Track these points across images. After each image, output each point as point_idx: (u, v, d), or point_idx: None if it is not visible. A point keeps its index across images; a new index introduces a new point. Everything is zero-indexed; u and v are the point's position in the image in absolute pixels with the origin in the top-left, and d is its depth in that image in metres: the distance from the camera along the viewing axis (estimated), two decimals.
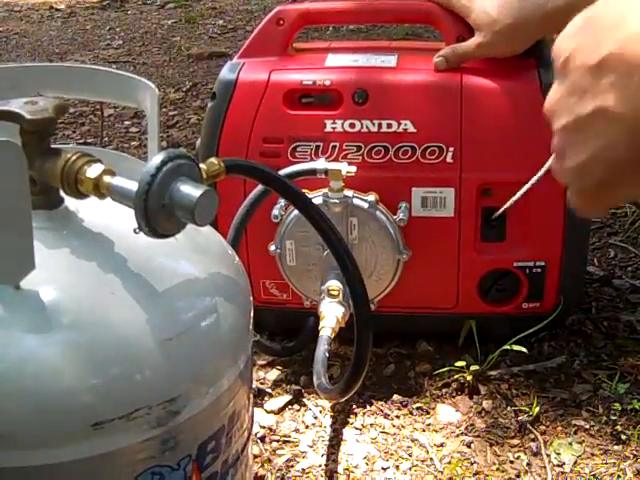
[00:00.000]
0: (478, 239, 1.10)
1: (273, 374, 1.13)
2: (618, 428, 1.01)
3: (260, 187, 1.02)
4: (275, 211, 1.10)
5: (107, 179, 0.64)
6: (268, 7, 3.92)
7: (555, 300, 1.13)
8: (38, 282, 0.61)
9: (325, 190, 1.08)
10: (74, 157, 0.65)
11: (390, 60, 1.14)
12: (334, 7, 1.22)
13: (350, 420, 1.04)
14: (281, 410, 1.06)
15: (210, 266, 0.71)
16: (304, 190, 1.06)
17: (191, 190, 0.61)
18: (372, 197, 1.08)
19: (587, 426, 1.02)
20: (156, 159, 0.62)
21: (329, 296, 1.06)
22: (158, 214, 0.62)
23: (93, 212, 0.69)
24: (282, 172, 1.05)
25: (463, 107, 1.08)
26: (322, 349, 1.00)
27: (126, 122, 2.29)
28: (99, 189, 0.64)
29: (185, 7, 4.10)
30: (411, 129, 1.09)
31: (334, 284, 1.06)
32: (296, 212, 1.10)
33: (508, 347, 1.09)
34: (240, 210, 1.03)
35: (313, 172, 1.06)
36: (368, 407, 1.07)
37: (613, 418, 1.03)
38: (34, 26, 3.81)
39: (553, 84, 0.61)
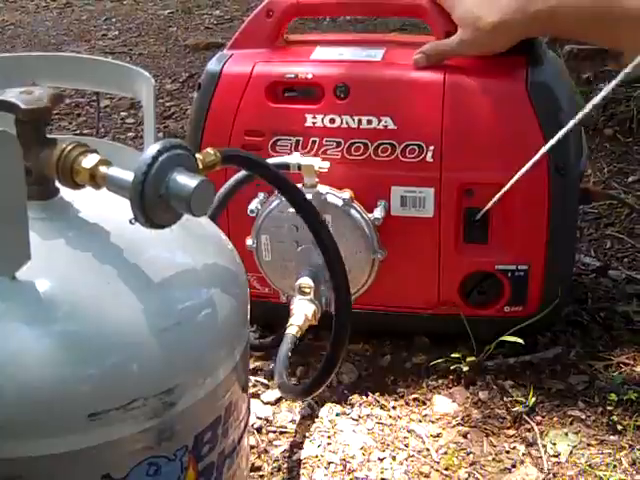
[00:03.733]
0: (460, 240, 1.09)
1: (270, 365, 1.13)
2: (614, 418, 1.01)
3: (241, 173, 1.01)
4: (252, 205, 1.09)
5: (103, 169, 0.64)
6: None
7: (538, 304, 1.11)
8: (33, 273, 0.61)
9: (299, 185, 1.06)
10: (70, 147, 0.64)
11: (376, 54, 1.13)
12: None
13: (346, 411, 1.04)
14: (277, 401, 1.06)
15: (206, 256, 0.71)
16: None
17: (187, 180, 0.61)
18: (347, 194, 1.07)
19: (583, 416, 1.03)
20: (152, 149, 0.61)
21: (300, 293, 1.05)
22: (154, 204, 0.61)
23: (89, 203, 0.68)
24: None
25: (445, 105, 1.06)
26: (285, 348, 0.99)
27: (122, 113, 2.28)
28: (95, 179, 0.64)
29: None
30: (391, 126, 1.08)
31: (306, 281, 1.05)
32: (271, 207, 1.09)
33: (504, 339, 1.08)
34: (219, 193, 1.01)
35: (286, 166, 1.05)
36: (364, 398, 1.07)
37: (609, 408, 1.03)
38: (29, 16, 3.80)
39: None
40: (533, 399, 1.04)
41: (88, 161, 0.64)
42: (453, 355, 1.10)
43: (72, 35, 3.34)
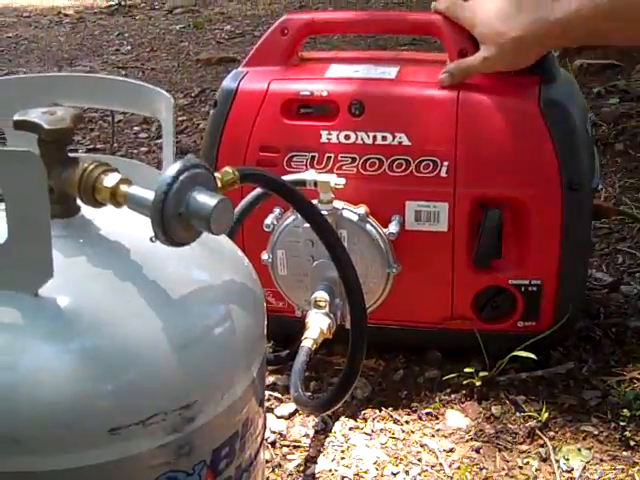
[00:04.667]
0: (473, 255, 1.10)
1: (283, 380, 1.13)
2: (627, 434, 1.01)
3: (258, 190, 1.02)
4: (268, 220, 1.11)
5: (124, 188, 0.65)
6: (275, 12, 3.95)
7: (551, 320, 1.12)
8: (55, 290, 0.62)
9: (315, 201, 1.07)
10: (91, 166, 0.66)
11: (390, 72, 1.15)
12: (339, 17, 1.23)
13: (360, 425, 1.05)
14: (291, 415, 1.07)
15: (224, 273, 0.72)
16: None
17: (207, 199, 0.62)
18: (362, 210, 1.09)
19: (596, 432, 1.03)
20: (172, 168, 0.63)
21: (315, 307, 1.06)
22: (174, 223, 0.63)
23: (109, 220, 0.70)
24: None
25: (459, 122, 1.07)
26: (300, 361, 1.00)
27: (135, 128, 2.31)
28: (116, 198, 0.65)
29: (193, 12, 4.13)
30: (406, 142, 1.09)
31: (321, 295, 1.06)
32: (287, 222, 1.10)
33: (516, 354, 1.09)
34: (236, 210, 1.02)
35: (302, 183, 1.06)
36: (377, 412, 1.07)
37: (622, 424, 1.03)
38: (43, 31, 3.84)
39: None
40: (546, 414, 1.05)
41: (109, 180, 0.65)
42: (466, 370, 1.11)
43: (85, 50, 3.38)
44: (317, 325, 1.04)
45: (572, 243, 1.10)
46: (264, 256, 1.12)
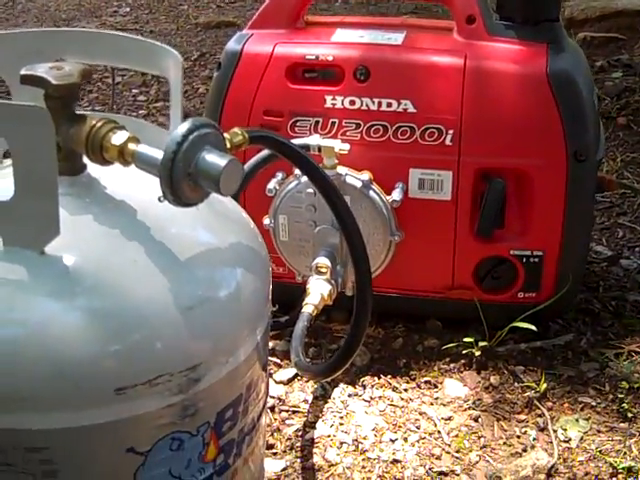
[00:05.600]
0: (475, 224, 1.09)
1: (282, 345, 1.14)
2: (625, 406, 1.02)
3: (264, 153, 1.02)
4: (270, 185, 1.10)
5: (132, 146, 0.64)
6: None
7: (552, 291, 1.12)
8: (61, 248, 0.61)
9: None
10: (99, 124, 0.65)
11: (397, 38, 1.14)
12: None
13: (359, 392, 1.05)
14: (290, 381, 1.07)
15: (231, 235, 0.71)
16: None
17: (217, 159, 0.62)
18: (366, 176, 1.08)
19: (594, 403, 1.03)
20: (182, 127, 0.62)
21: (317, 273, 1.06)
22: (183, 183, 0.62)
23: (115, 179, 0.69)
24: None
25: (465, 90, 1.07)
26: (301, 326, 1.00)
27: (134, 90, 2.28)
28: (124, 156, 0.64)
29: None
30: (411, 109, 1.08)
31: (323, 261, 1.06)
32: (290, 187, 1.10)
33: (516, 325, 1.09)
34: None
35: (307, 148, 1.05)
36: (377, 380, 1.08)
37: (620, 396, 1.03)
38: None
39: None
40: (544, 385, 1.05)
41: (117, 138, 0.64)
42: (465, 339, 1.11)
43: (83, 11, 3.34)
44: (318, 291, 1.04)
45: (575, 214, 1.09)
46: (266, 221, 1.12)
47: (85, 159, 0.67)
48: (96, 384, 0.59)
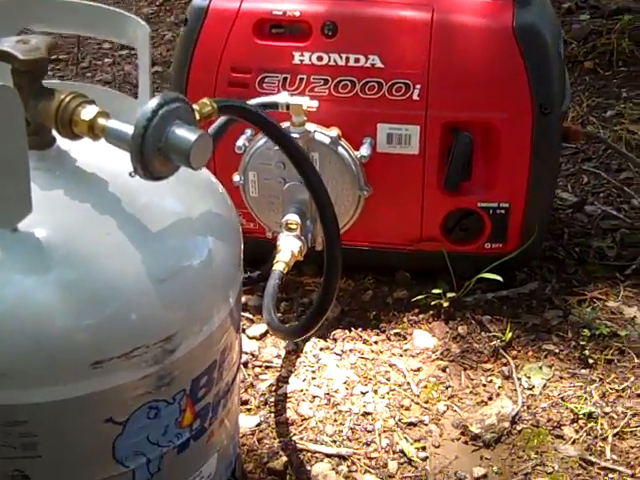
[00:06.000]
0: (443, 178, 1.11)
1: (254, 300, 1.15)
2: (586, 352, 1.05)
3: None
4: (239, 142, 1.10)
5: (102, 121, 0.64)
6: None
7: (518, 242, 1.14)
8: (34, 224, 0.62)
9: (287, 124, 1.07)
10: (68, 98, 0.65)
11: None
12: None
13: (330, 346, 1.08)
14: (263, 336, 1.09)
15: (200, 203, 0.72)
16: None
17: (186, 134, 0.62)
18: (334, 132, 1.09)
19: (557, 350, 1.07)
20: (152, 102, 0.62)
21: (287, 230, 1.07)
22: (153, 158, 0.63)
23: (85, 152, 0.69)
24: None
25: (432, 44, 1.07)
26: (272, 284, 1.01)
27: (99, 38, 2.25)
28: (94, 131, 0.65)
29: None
30: (378, 64, 1.08)
31: (293, 218, 1.07)
32: (259, 144, 1.10)
33: (483, 276, 1.12)
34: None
35: (275, 106, 1.06)
36: (347, 333, 1.10)
37: (582, 343, 1.07)
38: None
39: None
40: (510, 334, 1.08)
41: (87, 113, 0.65)
42: (434, 291, 1.13)
43: None
44: (288, 248, 1.05)
45: (541, 167, 1.11)
46: (235, 178, 1.13)
47: (54, 132, 0.68)
48: (73, 358, 0.61)
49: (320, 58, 1.10)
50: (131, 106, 0.74)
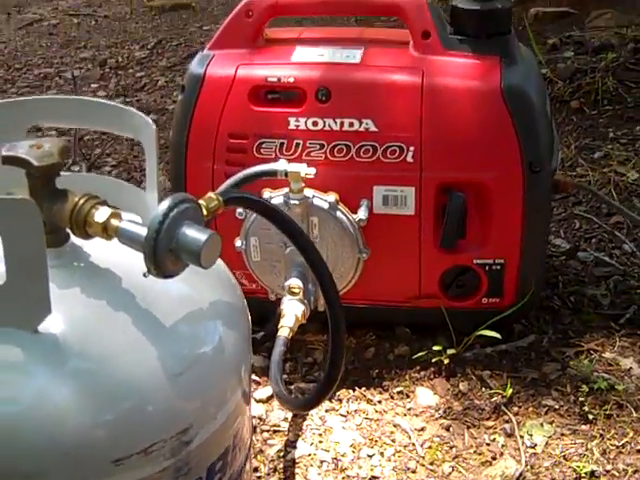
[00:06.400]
0: (439, 236, 1.13)
1: (259, 361, 1.17)
2: (585, 408, 1.08)
3: (233, 179, 1.06)
4: (240, 209, 1.13)
5: (115, 222, 0.67)
6: None
7: (515, 296, 1.17)
8: (52, 324, 0.65)
9: (286, 190, 1.10)
10: (82, 201, 0.68)
11: (355, 55, 1.16)
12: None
13: (335, 407, 1.10)
14: (270, 398, 1.11)
15: (210, 292, 0.75)
16: (267, 189, 1.12)
17: (197, 235, 0.65)
18: (332, 197, 1.11)
19: (557, 406, 1.09)
20: (163, 206, 0.65)
21: (290, 294, 1.09)
22: (166, 258, 0.65)
23: (97, 246, 0.72)
24: (243, 173, 1.08)
25: (424, 107, 1.10)
26: (278, 351, 1.03)
27: (93, 85, 2.29)
28: (107, 232, 0.67)
29: None
30: (372, 128, 1.11)
31: (295, 282, 1.09)
32: None
33: (481, 333, 1.14)
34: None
35: (274, 173, 1.09)
36: (352, 392, 1.12)
37: (581, 399, 1.09)
38: None
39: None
40: (510, 390, 1.11)
41: (100, 214, 0.67)
42: (434, 348, 1.16)
43: None
44: (292, 312, 1.08)
45: (533, 222, 1.14)
46: (237, 243, 1.15)
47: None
48: (94, 456, 0.63)
49: (315, 123, 1.12)
50: (138, 197, 0.77)
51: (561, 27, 2.40)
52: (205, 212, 0.72)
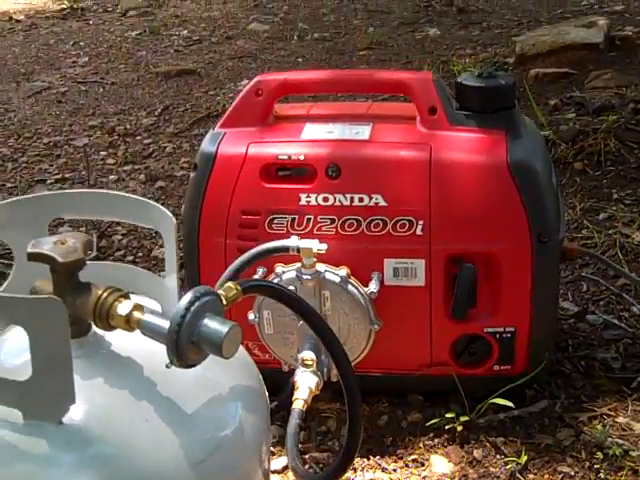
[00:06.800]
0: (449, 306, 1.15)
1: (274, 430, 1.18)
2: (601, 475, 1.08)
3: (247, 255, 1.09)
4: None
5: (137, 315, 0.69)
6: (230, 13, 3.95)
7: (526, 362, 1.18)
8: (77, 415, 0.66)
9: (298, 265, 1.13)
10: (105, 294, 0.70)
11: (364, 131, 1.19)
12: (312, 77, 1.27)
13: (351, 477, 1.10)
14: (285, 469, 1.12)
15: (229, 374, 0.76)
16: (279, 264, 1.14)
17: (218, 327, 0.67)
18: (344, 271, 1.14)
19: (572, 473, 1.10)
20: (185, 299, 0.67)
21: (303, 366, 1.11)
22: (188, 350, 0.67)
23: (118, 334, 0.73)
24: (256, 250, 1.11)
25: (432, 182, 1.13)
26: (293, 423, 1.04)
27: (102, 153, 2.32)
28: (130, 324, 0.69)
29: (147, 14, 4.11)
30: (382, 203, 1.14)
31: (308, 355, 1.11)
32: None
33: (494, 401, 1.15)
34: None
35: (286, 249, 1.11)
36: (366, 461, 1.13)
37: (596, 465, 1.10)
38: None
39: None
40: (525, 457, 1.11)
41: (123, 308, 0.69)
42: (447, 415, 1.17)
43: (42, 62, 3.36)
44: (306, 385, 1.09)
45: (542, 290, 1.16)
46: (250, 316, 1.17)
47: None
48: None
49: (326, 199, 1.15)
50: (157, 284, 0.79)
51: (561, 88, 2.44)
52: (225, 302, 0.74)
